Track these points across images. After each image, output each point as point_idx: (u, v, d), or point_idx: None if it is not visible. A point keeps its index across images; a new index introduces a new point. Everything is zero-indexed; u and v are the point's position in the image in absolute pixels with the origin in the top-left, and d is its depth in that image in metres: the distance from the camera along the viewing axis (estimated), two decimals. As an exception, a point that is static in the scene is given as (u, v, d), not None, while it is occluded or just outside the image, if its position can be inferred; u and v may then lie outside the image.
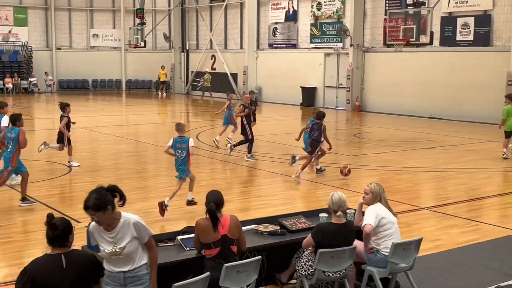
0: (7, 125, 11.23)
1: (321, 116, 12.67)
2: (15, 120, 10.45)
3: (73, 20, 41.42)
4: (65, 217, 4.97)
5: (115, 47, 42.19)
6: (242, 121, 15.37)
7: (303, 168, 12.71)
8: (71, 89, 40.80)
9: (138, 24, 37.83)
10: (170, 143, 10.05)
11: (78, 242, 5.27)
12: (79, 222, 8.81)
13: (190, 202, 10.17)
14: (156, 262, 4.95)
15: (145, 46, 38.28)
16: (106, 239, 4.80)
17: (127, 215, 4.88)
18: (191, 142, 10.01)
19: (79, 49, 41.56)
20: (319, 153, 12.94)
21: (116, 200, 4.81)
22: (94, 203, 4.67)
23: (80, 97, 36.18)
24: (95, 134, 20.17)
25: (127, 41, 39.41)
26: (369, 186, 6.45)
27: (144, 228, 4.89)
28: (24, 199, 10.43)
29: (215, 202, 5.63)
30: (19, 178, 10.98)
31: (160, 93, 38.34)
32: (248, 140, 15.26)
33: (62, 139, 13.99)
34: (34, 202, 10.51)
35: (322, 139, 12.61)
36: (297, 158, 13.30)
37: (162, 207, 9.71)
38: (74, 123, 14.44)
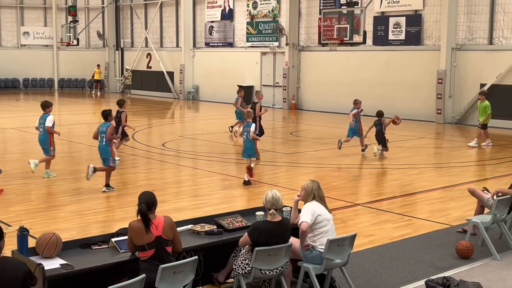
0: (51, 125, 12.99)
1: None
2: (107, 115, 11.85)
3: (2, 17, 40.03)
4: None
5: (46, 45, 41.05)
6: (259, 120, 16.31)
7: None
8: (1, 89, 39.40)
9: (71, 21, 36.92)
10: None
11: (8, 247, 5.09)
12: (9, 225, 8.54)
13: (246, 183, 12.08)
14: None
15: (78, 44, 37.41)
16: None
17: None
18: (252, 128, 12.12)
19: (9, 47, 40.21)
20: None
21: None
22: None
23: (10, 96, 35.05)
24: (26, 135, 19.57)
25: (59, 39, 38.42)
26: (304, 183, 6.52)
27: None
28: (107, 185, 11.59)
29: (146, 203, 5.54)
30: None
31: (94, 92, 37.60)
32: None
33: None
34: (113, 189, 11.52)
35: None
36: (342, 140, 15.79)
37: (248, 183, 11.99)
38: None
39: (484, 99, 18.22)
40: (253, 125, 12.43)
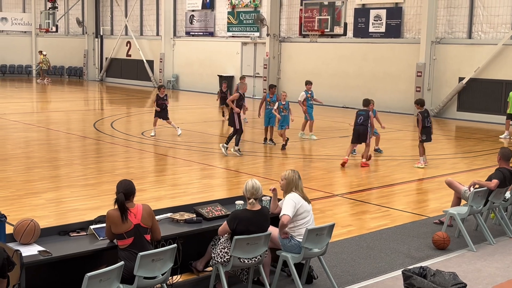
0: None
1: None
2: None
3: (-21, 2, 39.46)
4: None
5: (25, 32, 40.50)
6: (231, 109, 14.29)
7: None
8: (-23, 75, 38.90)
9: (50, 8, 36.49)
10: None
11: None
12: (-15, 213, 8.44)
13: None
14: None
15: (57, 31, 37.01)
16: None
17: None
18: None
19: (-14, 33, 39.65)
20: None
21: None
22: None
23: (-13, 83, 34.55)
24: (2, 121, 19.34)
25: (38, 26, 37.92)
26: (285, 172, 6.53)
27: None
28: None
29: (124, 192, 5.52)
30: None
31: (46, 80, 36.14)
32: (236, 131, 14.13)
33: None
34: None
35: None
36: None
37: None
38: None
39: None
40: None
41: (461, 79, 22.97)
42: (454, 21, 23.34)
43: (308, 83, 17.63)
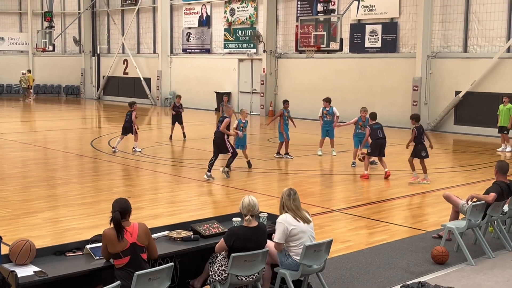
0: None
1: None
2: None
3: (-24, 22, 39.61)
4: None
5: (22, 51, 40.64)
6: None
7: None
8: (-26, 95, 38.93)
9: (46, 27, 36.59)
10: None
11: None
12: (-18, 233, 8.39)
13: None
14: None
15: (53, 50, 37.08)
16: None
17: None
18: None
19: (-17, 53, 39.76)
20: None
21: None
22: None
23: (-16, 102, 34.55)
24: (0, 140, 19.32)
25: (35, 45, 38.02)
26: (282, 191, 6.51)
27: None
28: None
29: (120, 210, 5.49)
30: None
31: (29, 98, 36.44)
32: (232, 154, 13.50)
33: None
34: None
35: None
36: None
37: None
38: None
39: (508, 102, 18.35)
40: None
41: (457, 92, 23.03)
42: (449, 35, 23.46)
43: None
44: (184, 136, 19.87)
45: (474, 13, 22.72)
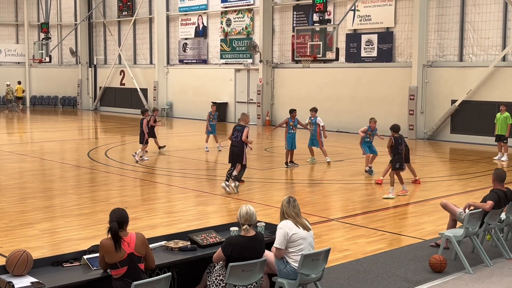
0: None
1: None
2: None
3: (-27, 34, 39.65)
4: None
5: (18, 63, 40.68)
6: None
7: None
8: (-29, 106, 38.89)
9: (43, 38, 36.65)
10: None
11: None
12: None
13: None
14: None
15: (50, 61, 37.12)
16: None
17: None
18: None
19: (-21, 64, 39.77)
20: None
21: None
22: None
23: (-19, 114, 34.51)
24: (-3, 152, 19.29)
25: (32, 56, 38.06)
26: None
27: None
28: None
29: (117, 220, 5.49)
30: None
31: (17, 108, 36.54)
32: (243, 166, 13.28)
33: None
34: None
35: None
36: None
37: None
38: None
39: (505, 110, 18.39)
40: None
41: (453, 101, 23.10)
42: (445, 45, 23.56)
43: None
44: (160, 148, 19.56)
45: (470, 22, 22.84)
